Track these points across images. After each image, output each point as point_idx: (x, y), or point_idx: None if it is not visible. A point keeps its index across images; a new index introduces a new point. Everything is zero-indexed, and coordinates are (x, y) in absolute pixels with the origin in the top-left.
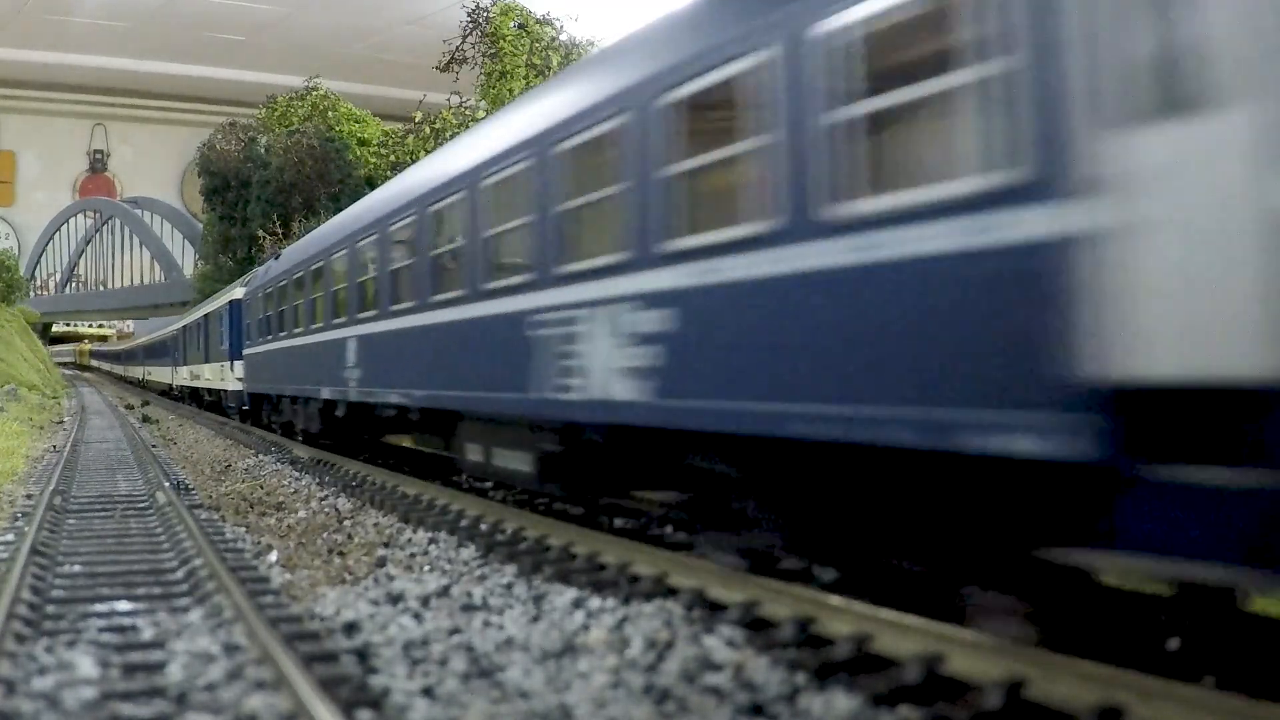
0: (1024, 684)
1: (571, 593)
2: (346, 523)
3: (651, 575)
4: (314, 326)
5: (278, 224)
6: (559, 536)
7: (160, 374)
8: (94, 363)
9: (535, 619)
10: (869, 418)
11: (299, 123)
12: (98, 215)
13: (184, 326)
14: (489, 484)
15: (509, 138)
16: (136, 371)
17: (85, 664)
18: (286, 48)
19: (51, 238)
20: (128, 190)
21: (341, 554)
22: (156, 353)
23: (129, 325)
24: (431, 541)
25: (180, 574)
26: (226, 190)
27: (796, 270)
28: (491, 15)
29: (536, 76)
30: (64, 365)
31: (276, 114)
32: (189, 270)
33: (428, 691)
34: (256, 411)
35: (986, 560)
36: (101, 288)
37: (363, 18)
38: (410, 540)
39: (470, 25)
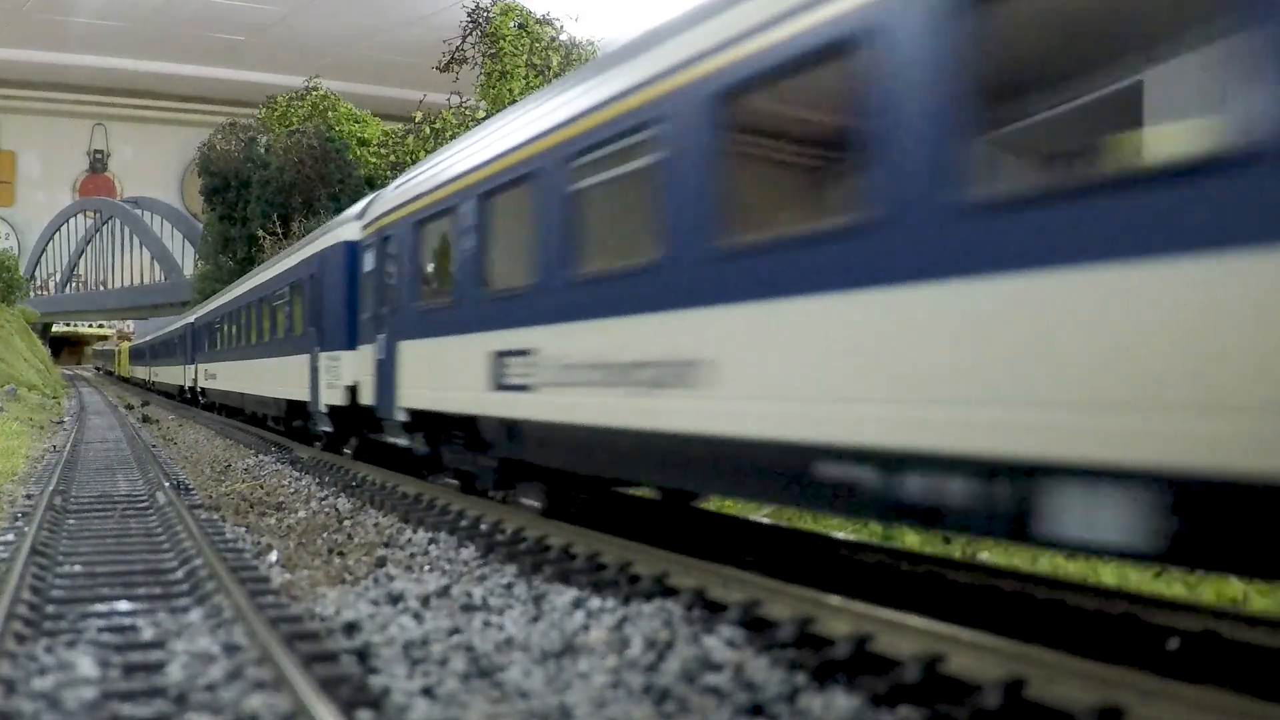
0: (1024, 684)
1: (571, 593)
2: (346, 523)
3: (651, 575)
4: None
5: (278, 224)
6: (559, 536)
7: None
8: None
9: (535, 619)
10: None
11: (299, 123)
12: (98, 215)
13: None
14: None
15: None
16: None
17: (85, 664)
18: (286, 48)
19: (51, 238)
20: (128, 190)
21: (341, 554)
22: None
23: (129, 325)
24: (431, 541)
25: (180, 574)
26: (226, 190)
27: None
28: (491, 15)
29: (537, 77)
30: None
31: (276, 114)
32: (189, 270)
33: (428, 691)
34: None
35: None
36: (102, 288)
37: (363, 18)
38: (410, 540)
39: (470, 25)
